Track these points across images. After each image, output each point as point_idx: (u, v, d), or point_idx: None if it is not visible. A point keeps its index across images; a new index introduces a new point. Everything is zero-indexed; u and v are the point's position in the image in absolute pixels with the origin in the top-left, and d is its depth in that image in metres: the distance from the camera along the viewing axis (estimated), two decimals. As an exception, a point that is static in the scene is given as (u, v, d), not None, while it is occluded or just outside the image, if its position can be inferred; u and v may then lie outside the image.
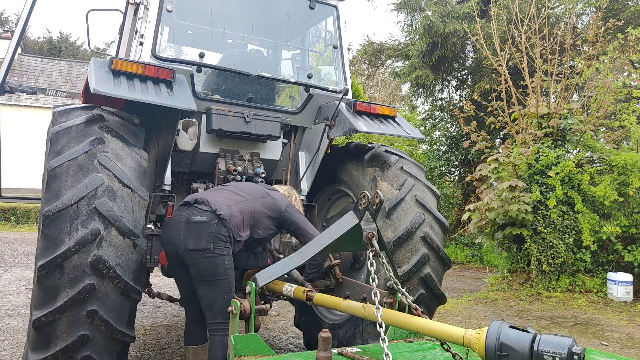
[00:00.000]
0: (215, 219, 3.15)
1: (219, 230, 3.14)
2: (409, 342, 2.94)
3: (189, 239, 3.13)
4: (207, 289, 3.16)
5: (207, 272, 3.12)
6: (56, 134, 3.11)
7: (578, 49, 12.61)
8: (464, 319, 7.08)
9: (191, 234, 3.13)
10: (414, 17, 15.61)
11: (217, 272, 3.12)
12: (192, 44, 5.15)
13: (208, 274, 3.12)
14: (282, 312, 6.62)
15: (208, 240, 3.10)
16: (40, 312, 2.76)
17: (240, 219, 3.28)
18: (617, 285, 8.16)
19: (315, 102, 4.53)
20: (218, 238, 3.13)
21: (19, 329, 5.59)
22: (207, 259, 3.10)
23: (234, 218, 3.23)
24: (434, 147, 15.80)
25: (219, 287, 3.13)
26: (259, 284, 3.01)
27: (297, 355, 2.85)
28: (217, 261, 3.12)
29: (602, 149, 9.13)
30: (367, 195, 2.55)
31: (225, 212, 3.19)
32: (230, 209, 3.24)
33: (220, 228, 3.15)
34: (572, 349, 1.84)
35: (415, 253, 3.84)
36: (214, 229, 3.13)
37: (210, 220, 3.14)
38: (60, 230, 2.82)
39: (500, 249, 9.58)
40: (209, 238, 3.11)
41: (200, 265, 3.12)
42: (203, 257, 3.10)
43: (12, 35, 6.84)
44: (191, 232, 3.13)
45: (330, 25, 4.89)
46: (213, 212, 3.16)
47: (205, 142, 4.25)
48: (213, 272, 3.12)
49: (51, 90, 7.33)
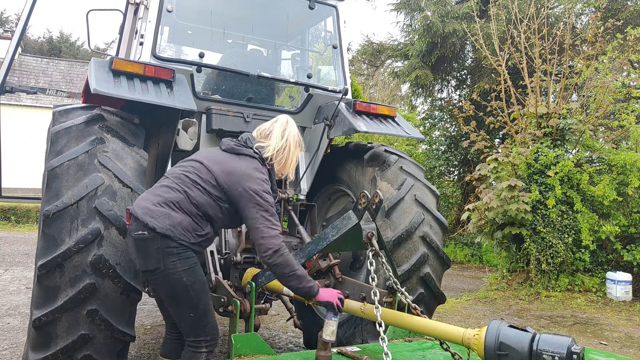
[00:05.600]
0: (157, 234, 2.56)
1: (165, 244, 2.56)
2: (409, 341, 2.95)
3: (137, 259, 2.65)
4: (172, 309, 2.77)
5: (166, 292, 2.67)
6: (56, 133, 3.12)
7: (577, 49, 12.62)
8: (463, 319, 7.09)
9: (139, 253, 2.63)
10: (413, 17, 15.61)
11: (174, 292, 2.63)
12: (192, 44, 5.16)
13: (166, 294, 2.69)
14: (282, 311, 6.62)
15: (157, 258, 2.56)
16: (41, 312, 2.77)
17: (189, 221, 2.65)
18: (616, 285, 8.17)
19: (315, 102, 4.54)
20: (167, 253, 2.57)
21: (19, 328, 5.59)
22: (161, 279, 2.60)
23: (178, 225, 2.60)
24: (434, 147, 15.81)
25: (182, 306, 2.67)
26: (259, 284, 3.02)
27: (296, 355, 2.86)
28: (171, 280, 2.59)
29: (601, 149, 9.14)
30: (367, 194, 2.56)
31: (163, 225, 2.56)
32: (169, 218, 2.59)
33: (166, 241, 2.56)
34: (571, 348, 1.85)
35: (414, 252, 3.84)
36: (159, 244, 2.56)
37: (153, 235, 2.56)
38: (61, 230, 2.83)
39: (499, 248, 9.59)
40: (156, 256, 2.56)
41: (158, 286, 2.67)
42: (157, 278, 2.61)
43: (12, 35, 6.84)
44: (138, 250, 2.63)
45: (329, 25, 4.90)
46: (151, 229, 2.55)
47: (205, 142, 4.26)
48: (170, 291, 2.65)
49: (51, 90, 7.34)
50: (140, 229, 2.58)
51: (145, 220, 2.57)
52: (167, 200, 2.64)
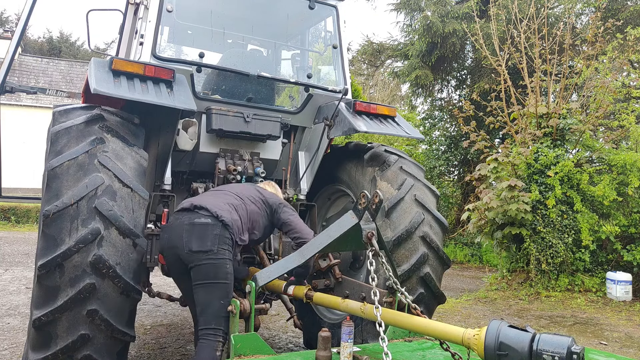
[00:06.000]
0: (219, 222, 3.12)
1: (223, 233, 3.11)
2: (409, 341, 2.95)
3: (192, 241, 3.06)
4: (204, 292, 3.03)
5: (208, 275, 3.03)
6: (56, 133, 3.12)
7: (577, 49, 12.62)
8: (463, 319, 7.09)
9: (195, 235, 3.06)
10: (413, 17, 15.61)
11: (217, 275, 3.03)
12: (192, 44, 5.16)
13: (208, 277, 3.03)
14: (282, 311, 6.62)
15: (212, 241, 3.05)
16: (41, 312, 2.77)
17: (241, 223, 3.28)
18: (616, 285, 8.17)
19: (315, 102, 4.54)
20: (222, 241, 3.09)
21: (19, 328, 5.60)
22: (210, 260, 3.03)
23: (236, 222, 3.22)
24: (434, 147, 15.81)
25: (217, 291, 3.03)
26: (259, 284, 3.02)
27: (297, 355, 2.85)
28: (219, 264, 3.05)
29: (601, 149, 9.14)
30: (367, 194, 2.55)
31: (228, 217, 3.16)
32: (231, 214, 3.22)
33: (224, 231, 3.12)
34: (571, 348, 1.85)
35: (414, 252, 3.84)
36: (219, 231, 3.10)
37: (215, 222, 3.11)
38: (61, 230, 2.83)
39: (499, 248, 9.59)
40: (213, 239, 3.06)
41: (202, 267, 3.03)
42: (206, 259, 3.02)
43: (12, 35, 6.85)
44: (195, 233, 3.07)
45: (329, 25, 4.90)
46: (215, 217, 3.12)
47: (205, 142, 4.26)
48: (213, 274, 3.03)
49: (51, 90, 7.34)
50: (203, 217, 3.12)
51: (213, 209, 3.15)
52: (229, 203, 3.32)
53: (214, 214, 3.12)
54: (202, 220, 3.11)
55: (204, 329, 2.99)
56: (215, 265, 3.04)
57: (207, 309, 3.01)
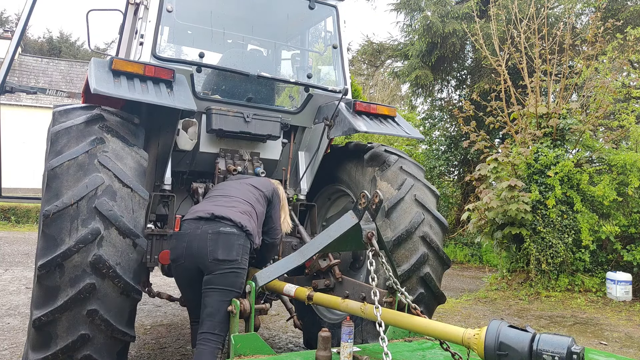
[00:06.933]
0: (243, 233, 3.18)
1: (246, 243, 3.18)
2: (409, 341, 2.95)
3: (218, 249, 3.07)
4: (217, 297, 3.05)
5: (228, 283, 3.06)
6: (56, 133, 3.12)
7: (577, 49, 12.62)
8: (463, 319, 7.09)
9: (221, 245, 3.09)
10: (413, 17, 15.61)
11: (235, 284, 3.08)
12: (192, 44, 5.16)
13: (227, 284, 3.06)
14: (282, 311, 6.62)
15: (238, 251, 3.11)
16: (41, 312, 2.77)
17: (256, 229, 3.36)
18: (616, 285, 8.17)
19: (315, 102, 4.53)
20: (245, 251, 3.17)
21: (19, 328, 5.60)
22: (233, 270, 3.08)
23: (254, 230, 3.30)
24: (434, 147, 15.81)
25: (227, 299, 3.05)
26: (259, 284, 3.02)
27: (297, 355, 2.85)
28: (241, 273, 3.12)
29: (601, 149, 9.14)
30: (367, 194, 2.55)
31: (250, 227, 3.24)
32: (250, 223, 3.28)
33: (247, 241, 3.20)
34: (571, 348, 1.85)
35: (414, 252, 3.84)
36: (243, 242, 3.16)
37: (240, 232, 3.17)
38: (61, 230, 2.83)
39: (499, 248, 9.59)
40: (238, 249, 3.12)
41: (224, 275, 3.07)
42: (229, 268, 3.07)
43: (12, 35, 6.85)
44: (222, 242, 3.09)
45: (329, 25, 4.90)
46: (240, 228, 3.17)
47: (205, 142, 4.26)
48: (233, 283, 3.08)
49: (51, 90, 7.34)
50: (229, 227, 3.15)
51: (237, 220, 3.19)
52: (245, 211, 3.35)
53: (238, 224, 3.17)
54: (227, 229, 3.14)
55: (207, 332, 3.00)
56: (237, 275, 3.10)
57: (216, 314, 3.02)
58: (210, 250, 3.07)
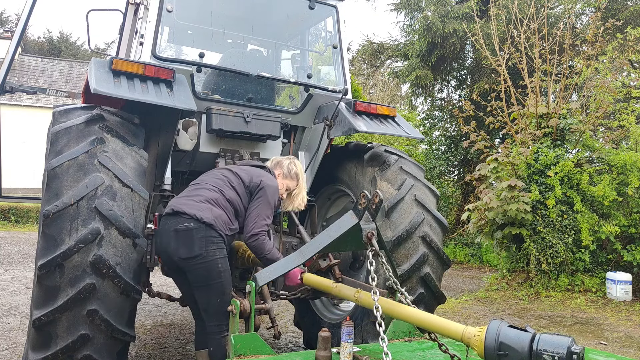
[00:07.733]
0: (202, 224, 3.09)
1: (208, 234, 3.09)
2: (409, 341, 2.94)
3: (180, 248, 3.07)
4: (201, 294, 3.15)
5: (202, 278, 3.10)
6: (56, 133, 3.12)
7: (577, 49, 12.63)
8: (463, 319, 7.09)
9: (181, 242, 3.08)
10: (413, 17, 15.61)
11: (210, 277, 3.09)
12: (192, 44, 5.16)
13: (202, 280, 3.11)
14: (282, 311, 6.63)
15: (199, 245, 3.06)
16: (41, 312, 2.77)
17: (226, 216, 3.23)
18: (616, 285, 8.17)
19: (315, 102, 4.54)
20: (209, 241, 3.09)
21: (19, 328, 5.60)
22: (200, 265, 3.07)
23: (220, 217, 3.17)
24: (434, 147, 15.81)
25: (213, 291, 3.11)
26: (259, 284, 3.02)
27: (297, 355, 2.85)
28: (210, 266, 3.08)
29: (601, 149, 9.14)
30: (367, 194, 2.55)
31: (209, 216, 3.12)
32: (212, 211, 3.16)
33: (209, 231, 3.10)
34: (571, 348, 1.85)
35: (414, 252, 3.84)
36: (203, 233, 3.08)
37: (197, 225, 3.08)
38: (61, 230, 2.83)
39: (499, 248, 9.59)
40: (200, 243, 3.06)
41: (195, 272, 3.10)
42: (197, 264, 3.06)
43: (12, 35, 6.85)
44: (180, 240, 3.08)
45: (329, 25, 4.90)
46: (197, 220, 3.09)
47: (205, 142, 4.26)
48: (206, 276, 3.09)
49: (51, 90, 7.34)
50: (186, 222, 3.07)
51: (192, 212, 3.08)
52: (208, 199, 3.21)
53: (194, 217, 3.08)
54: (184, 225, 3.08)
55: (209, 325, 3.16)
56: (207, 269, 3.07)
57: (208, 308, 3.15)
58: (173, 249, 3.09)
